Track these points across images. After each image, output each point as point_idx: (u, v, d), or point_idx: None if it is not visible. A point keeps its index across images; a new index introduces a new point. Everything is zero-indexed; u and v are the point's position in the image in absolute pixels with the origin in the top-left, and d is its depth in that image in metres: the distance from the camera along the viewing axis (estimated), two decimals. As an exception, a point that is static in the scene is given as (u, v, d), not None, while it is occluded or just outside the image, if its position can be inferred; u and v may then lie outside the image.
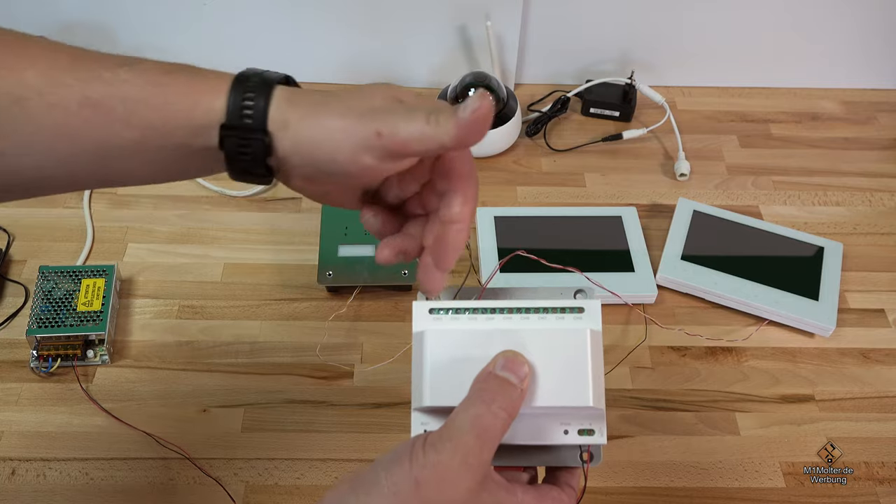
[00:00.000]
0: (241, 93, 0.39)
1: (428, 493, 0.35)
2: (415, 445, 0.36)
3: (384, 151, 0.36)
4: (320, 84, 1.00)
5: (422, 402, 0.40)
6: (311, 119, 0.37)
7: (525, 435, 0.40)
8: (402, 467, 0.36)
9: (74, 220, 0.81)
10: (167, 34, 0.97)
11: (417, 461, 0.35)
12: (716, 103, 1.00)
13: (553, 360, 0.39)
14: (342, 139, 0.37)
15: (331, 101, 0.38)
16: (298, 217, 0.83)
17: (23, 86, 0.37)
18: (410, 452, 0.36)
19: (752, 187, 0.89)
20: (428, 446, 0.36)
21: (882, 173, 0.91)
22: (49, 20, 0.94)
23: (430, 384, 0.40)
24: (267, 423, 0.65)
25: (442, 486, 0.35)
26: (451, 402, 0.38)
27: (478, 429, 0.36)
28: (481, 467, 0.36)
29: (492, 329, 0.40)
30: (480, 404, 0.37)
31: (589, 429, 0.40)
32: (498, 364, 0.38)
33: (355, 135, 0.36)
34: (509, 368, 0.38)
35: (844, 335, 0.74)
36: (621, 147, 0.93)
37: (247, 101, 0.38)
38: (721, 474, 0.63)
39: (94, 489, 0.61)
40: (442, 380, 0.40)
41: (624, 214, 0.82)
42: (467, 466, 0.35)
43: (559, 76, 1.02)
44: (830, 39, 0.99)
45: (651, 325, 0.73)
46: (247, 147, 0.38)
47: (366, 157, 0.37)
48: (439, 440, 0.36)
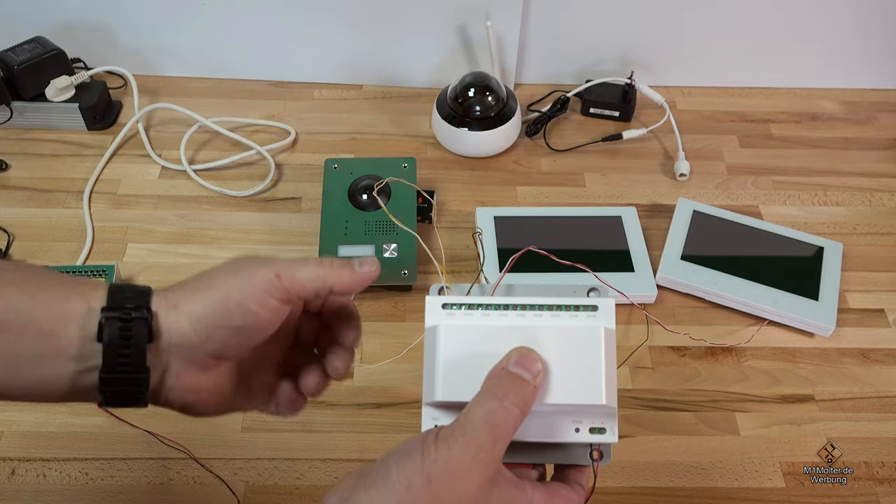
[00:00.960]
0: (118, 297, 0.38)
1: (439, 489, 0.35)
2: (426, 440, 0.36)
3: (284, 293, 0.39)
4: (320, 84, 1.00)
5: (433, 396, 0.39)
6: (203, 291, 0.39)
7: (536, 432, 0.40)
8: (413, 461, 0.35)
9: (74, 220, 0.81)
10: (167, 34, 0.97)
11: (429, 456, 0.35)
12: (716, 103, 1.00)
13: (566, 357, 0.39)
14: (247, 286, 0.38)
15: (214, 273, 0.40)
16: (298, 217, 0.83)
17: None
18: (422, 447, 0.36)
19: (752, 187, 0.89)
20: (440, 441, 0.35)
21: (882, 173, 0.91)
22: (49, 20, 0.94)
23: (443, 379, 0.39)
24: (267, 423, 0.65)
25: (453, 482, 0.35)
26: (463, 398, 0.38)
27: (490, 424, 0.36)
28: (493, 463, 0.36)
29: (505, 325, 0.40)
30: (493, 400, 0.37)
31: (601, 427, 0.40)
32: (511, 360, 0.38)
33: (256, 280, 0.38)
34: (522, 365, 0.38)
35: (844, 335, 0.74)
36: (621, 147, 0.93)
37: (127, 304, 0.38)
38: (721, 474, 0.63)
39: (94, 489, 0.61)
40: (454, 375, 0.39)
41: (624, 214, 0.82)
42: (479, 462, 0.35)
43: (559, 76, 1.02)
44: (830, 40, 0.99)
45: (651, 325, 0.73)
46: (128, 329, 0.37)
47: (271, 300, 0.39)
48: (451, 435, 0.36)
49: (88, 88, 0.91)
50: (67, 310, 0.37)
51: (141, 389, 0.38)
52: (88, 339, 0.37)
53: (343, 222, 0.77)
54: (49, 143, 0.90)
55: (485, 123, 0.88)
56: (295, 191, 0.86)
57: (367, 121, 0.96)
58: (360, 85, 1.01)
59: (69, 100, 0.89)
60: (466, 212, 0.84)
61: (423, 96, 0.99)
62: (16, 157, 0.88)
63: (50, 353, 0.37)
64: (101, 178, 0.86)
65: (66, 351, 0.37)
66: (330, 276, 0.40)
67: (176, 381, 0.39)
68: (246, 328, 0.39)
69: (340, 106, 0.98)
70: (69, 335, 0.37)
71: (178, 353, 0.39)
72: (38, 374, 0.37)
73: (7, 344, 0.36)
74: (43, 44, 0.88)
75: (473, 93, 0.88)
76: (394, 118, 0.96)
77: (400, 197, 0.79)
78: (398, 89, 1.01)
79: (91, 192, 0.84)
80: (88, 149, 0.90)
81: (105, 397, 0.38)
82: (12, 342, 0.36)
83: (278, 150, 0.91)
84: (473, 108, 0.88)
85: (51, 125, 0.91)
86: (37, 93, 0.88)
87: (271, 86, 1.00)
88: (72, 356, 0.37)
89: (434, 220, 0.82)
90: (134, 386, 0.38)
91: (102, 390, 0.37)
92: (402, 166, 0.82)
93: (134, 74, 0.93)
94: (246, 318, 0.38)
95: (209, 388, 0.41)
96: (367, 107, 0.98)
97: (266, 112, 0.96)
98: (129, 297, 0.38)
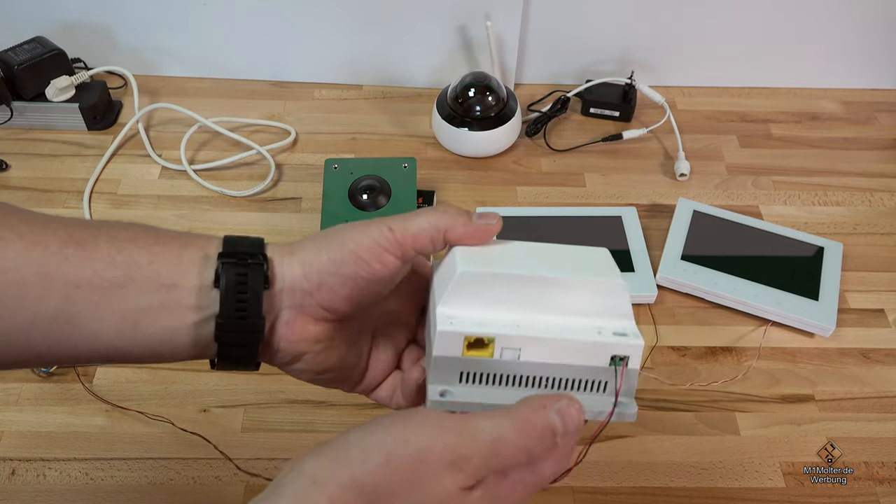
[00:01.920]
0: (234, 245, 0.39)
1: (397, 473, 0.32)
2: (399, 419, 0.34)
3: (397, 246, 0.38)
4: (320, 84, 1.00)
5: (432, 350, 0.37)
6: (320, 241, 0.39)
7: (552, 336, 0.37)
8: (377, 436, 0.33)
9: (74, 220, 0.81)
10: (167, 34, 0.97)
11: (399, 436, 0.33)
12: (716, 103, 1.00)
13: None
14: (361, 237, 0.38)
15: (332, 229, 0.40)
16: (298, 217, 0.83)
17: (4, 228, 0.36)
18: (391, 423, 0.33)
19: (752, 187, 0.89)
20: (422, 427, 0.33)
21: (882, 173, 0.91)
22: (49, 20, 0.94)
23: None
24: (267, 423, 0.65)
25: (419, 475, 0.32)
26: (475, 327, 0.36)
27: (496, 455, 0.33)
28: (474, 478, 0.33)
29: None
30: (520, 441, 0.33)
31: (622, 333, 0.38)
32: (557, 418, 0.34)
33: (371, 232, 0.38)
34: (567, 427, 0.34)
35: (844, 335, 0.74)
36: (621, 147, 0.93)
37: (242, 251, 0.38)
38: (721, 474, 0.63)
39: (94, 489, 0.61)
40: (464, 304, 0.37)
41: (624, 214, 0.82)
42: (457, 470, 0.33)
43: (559, 76, 1.02)
44: (830, 40, 0.99)
45: (652, 326, 0.73)
46: (244, 274, 0.37)
47: (384, 253, 0.38)
48: (440, 429, 0.33)
49: (88, 88, 0.91)
50: (185, 260, 0.37)
51: (257, 336, 0.37)
52: (206, 286, 0.37)
53: (343, 222, 0.77)
54: (49, 143, 0.90)
55: (485, 123, 0.88)
56: (295, 191, 0.86)
57: (367, 121, 0.96)
58: (360, 85, 1.01)
59: (69, 100, 0.90)
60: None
61: (423, 96, 0.99)
62: (16, 157, 0.88)
63: (171, 304, 0.36)
64: (102, 178, 0.86)
65: (186, 300, 0.37)
66: (442, 221, 0.39)
67: (286, 328, 0.39)
68: (356, 278, 0.38)
69: (340, 106, 0.98)
70: (188, 284, 0.37)
71: (290, 298, 0.38)
72: (161, 327, 0.36)
73: (130, 300, 0.36)
74: (43, 44, 0.88)
75: (473, 93, 0.88)
76: (394, 118, 0.96)
77: (400, 197, 0.79)
78: (398, 89, 1.01)
79: (91, 192, 0.84)
80: (88, 149, 0.90)
81: (221, 347, 0.37)
82: (134, 297, 0.36)
83: (278, 150, 0.91)
84: (473, 108, 0.88)
85: (51, 125, 0.91)
86: (37, 93, 0.89)
87: (271, 86, 1.00)
88: (191, 306, 0.37)
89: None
90: (250, 333, 0.37)
91: (218, 336, 0.37)
92: (402, 166, 0.82)
93: (134, 74, 0.93)
94: (358, 266, 0.38)
95: (320, 340, 0.40)
96: (367, 107, 0.98)
97: (266, 112, 0.96)
98: (245, 245, 0.38)
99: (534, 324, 0.37)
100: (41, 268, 0.35)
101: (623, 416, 0.38)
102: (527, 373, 0.38)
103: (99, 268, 0.36)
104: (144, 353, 0.37)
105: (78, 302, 0.35)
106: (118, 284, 0.36)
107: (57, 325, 0.35)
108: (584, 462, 0.63)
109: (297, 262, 0.38)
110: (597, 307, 0.39)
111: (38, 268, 0.35)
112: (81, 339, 0.36)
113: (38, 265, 0.35)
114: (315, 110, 0.97)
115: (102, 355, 0.37)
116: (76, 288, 0.35)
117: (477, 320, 0.37)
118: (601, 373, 0.38)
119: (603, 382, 0.39)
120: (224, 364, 0.38)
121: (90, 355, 0.37)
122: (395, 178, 0.80)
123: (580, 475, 0.62)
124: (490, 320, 0.37)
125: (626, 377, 0.38)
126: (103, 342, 0.36)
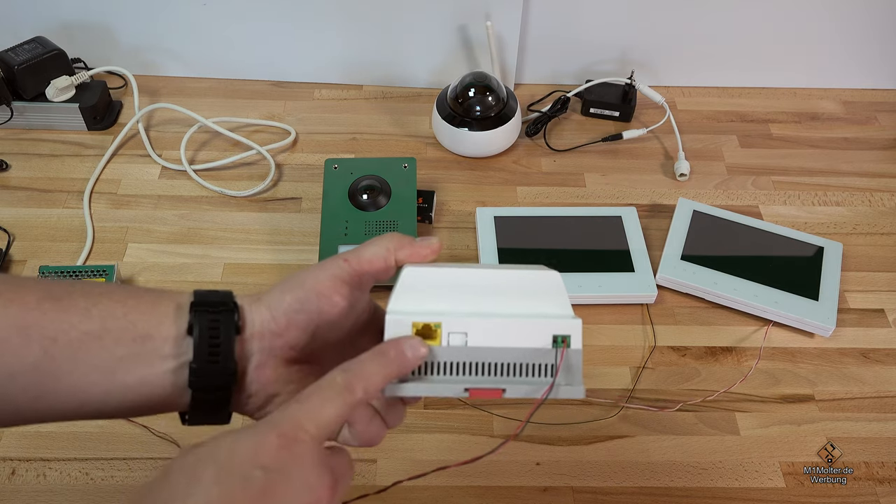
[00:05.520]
0: (205, 296, 0.40)
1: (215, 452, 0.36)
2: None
3: (353, 274, 0.40)
4: (320, 84, 1.00)
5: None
6: (283, 285, 0.40)
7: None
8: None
9: (74, 220, 0.81)
10: (167, 34, 0.97)
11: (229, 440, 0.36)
12: (716, 103, 1.00)
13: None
14: (320, 274, 0.40)
15: (294, 273, 0.41)
16: (298, 217, 0.83)
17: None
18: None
19: (752, 187, 0.89)
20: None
21: (882, 173, 0.91)
22: (49, 20, 0.94)
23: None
24: (267, 423, 0.65)
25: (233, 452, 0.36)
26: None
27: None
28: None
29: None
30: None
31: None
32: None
33: (328, 268, 0.40)
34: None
35: (844, 335, 0.74)
36: (621, 147, 0.93)
37: (213, 299, 0.40)
38: (721, 474, 0.63)
39: (94, 489, 0.61)
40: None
41: (624, 214, 0.82)
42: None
43: (559, 76, 1.02)
44: (830, 40, 0.99)
45: (650, 326, 0.73)
46: (216, 321, 0.38)
47: (343, 285, 0.40)
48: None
49: (89, 88, 0.92)
50: (159, 311, 0.38)
51: (229, 379, 0.38)
52: (180, 335, 0.38)
53: (343, 222, 0.78)
54: (49, 143, 0.90)
55: (485, 123, 0.88)
56: (295, 191, 0.86)
57: (367, 121, 0.96)
58: (360, 85, 1.01)
59: (69, 100, 0.90)
60: (466, 212, 0.84)
61: (423, 96, 0.99)
62: (16, 157, 0.88)
63: (147, 354, 0.37)
64: (102, 178, 0.86)
65: (161, 349, 0.38)
66: (392, 242, 0.41)
67: (257, 371, 0.40)
68: (321, 313, 0.39)
69: (340, 106, 0.98)
70: (163, 334, 0.38)
71: (260, 342, 0.39)
72: (137, 377, 0.37)
73: (106, 351, 0.37)
74: (43, 44, 0.89)
75: (473, 93, 0.88)
76: (394, 118, 0.96)
77: (400, 197, 0.79)
78: (398, 89, 1.01)
79: (91, 192, 0.84)
80: (88, 149, 0.90)
81: (195, 393, 0.38)
82: (111, 348, 0.37)
83: (278, 150, 0.91)
84: (473, 108, 0.88)
85: (51, 125, 0.91)
86: (37, 93, 0.89)
87: (271, 86, 1.00)
88: (166, 354, 0.38)
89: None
90: (223, 376, 0.38)
91: (192, 382, 0.38)
92: (403, 166, 0.82)
93: (134, 74, 0.93)
94: (320, 301, 0.39)
95: (292, 381, 0.41)
96: (367, 107, 0.98)
97: (266, 112, 0.96)
98: (216, 296, 0.39)
99: (478, 308, 0.40)
100: (19, 321, 0.36)
101: (568, 392, 0.40)
102: (475, 359, 0.39)
103: (76, 321, 0.37)
104: (121, 404, 0.38)
105: (55, 355, 0.36)
106: (95, 336, 0.37)
107: (35, 378, 0.36)
108: (585, 462, 0.63)
109: (265, 307, 0.40)
110: (537, 296, 0.41)
111: (16, 321, 0.36)
112: (59, 393, 0.37)
113: (16, 319, 0.36)
114: (315, 110, 0.97)
115: (78, 409, 0.38)
116: (53, 341, 0.36)
117: (424, 311, 0.40)
118: (546, 355, 0.40)
119: (550, 366, 0.40)
120: (196, 415, 0.39)
121: (66, 410, 0.37)
122: (395, 178, 0.80)
123: (580, 475, 0.62)
124: (437, 310, 0.40)
125: (569, 356, 0.40)
126: (80, 395, 0.37)
